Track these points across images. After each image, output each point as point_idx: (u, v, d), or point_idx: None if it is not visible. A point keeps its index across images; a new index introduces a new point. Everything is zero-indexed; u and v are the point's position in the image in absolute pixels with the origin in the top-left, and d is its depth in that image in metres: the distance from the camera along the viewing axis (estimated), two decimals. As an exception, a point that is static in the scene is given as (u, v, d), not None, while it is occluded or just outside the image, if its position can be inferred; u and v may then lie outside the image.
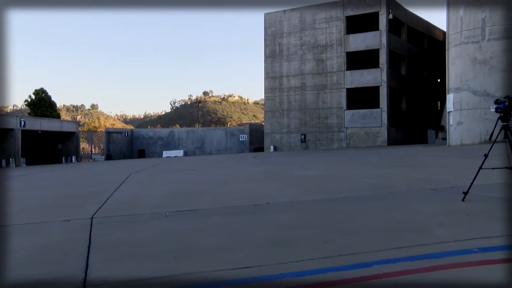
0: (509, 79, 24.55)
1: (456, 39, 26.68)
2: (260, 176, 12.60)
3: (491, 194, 6.40)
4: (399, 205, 6.13)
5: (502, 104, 5.79)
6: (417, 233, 4.32)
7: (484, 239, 3.90)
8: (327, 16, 39.17)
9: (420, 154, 20.23)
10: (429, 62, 44.38)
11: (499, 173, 6.02)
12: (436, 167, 12.33)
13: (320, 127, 39.51)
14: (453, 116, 26.59)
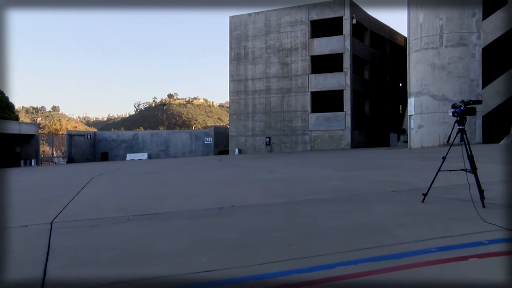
0: (465, 84, 25.44)
1: (416, 45, 27.41)
2: (225, 179, 12.58)
3: (449, 196, 6.60)
4: (362, 207, 6.23)
5: (458, 109, 5.98)
6: (379, 234, 4.40)
7: (442, 239, 4.02)
8: (292, 20, 39.51)
9: (383, 156, 20.63)
10: (391, 66, 45.40)
11: (456, 174, 6.20)
12: (398, 170, 12.60)
13: (284, 130, 39.78)
14: (414, 119, 27.27)
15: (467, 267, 3.25)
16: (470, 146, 5.90)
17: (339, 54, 37.83)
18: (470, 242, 3.87)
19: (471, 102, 6.01)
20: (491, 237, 4.00)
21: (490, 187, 6.72)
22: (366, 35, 41.65)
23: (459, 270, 3.19)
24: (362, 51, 40.17)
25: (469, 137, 22.48)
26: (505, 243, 3.84)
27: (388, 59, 45.20)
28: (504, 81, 26.59)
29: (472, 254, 3.51)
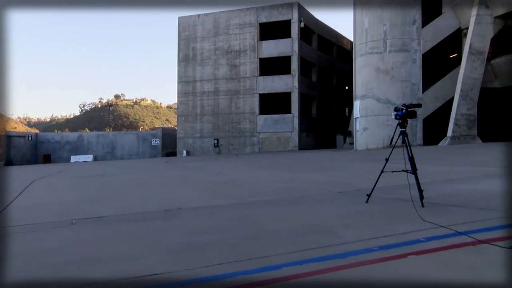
0: (407, 88, 26.45)
1: (361, 49, 28.20)
2: (172, 181, 12.45)
3: (391, 196, 6.82)
4: (308, 208, 6.33)
5: (400, 112, 6.20)
6: (325, 234, 4.49)
7: (384, 238, 4.15)
8: (241, 22, 39.66)
9: (329, 158, 21.04)
10: (338, 70, 46.43)
11: (398, 175, 6.42)
12: (343, 171, 12.90)
13: (233, 132, 39.83)
14: (359, 122, 28.03)
15: (406, 264, 3.38)
16: (411, 148, 6.12)
17: (287, 56, 38.32)
18: (410, 240, 4.02)
19: (412, 105, 6.25)
20: (428, 235, 4.18)
21: (429, 187, 7.01)
22: (314, 39, 42.42)
23: (399, 267, 3.31)
24: (309, 54, 40.87)
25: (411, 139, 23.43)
26: (441, 239, 4.02)
27: (335, 62, 46.22)
28: (442, 86, 27.83)
29: (411, 252, 3.65)
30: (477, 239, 3.93)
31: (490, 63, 27.63)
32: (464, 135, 25.68)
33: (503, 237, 4.01)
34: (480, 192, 7.05)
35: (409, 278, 3.07)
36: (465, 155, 16.93)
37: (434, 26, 27.85)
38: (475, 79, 25.98)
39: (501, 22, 26.73)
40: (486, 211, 5.28)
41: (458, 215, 5.12)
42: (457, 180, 8.92)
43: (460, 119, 25.60)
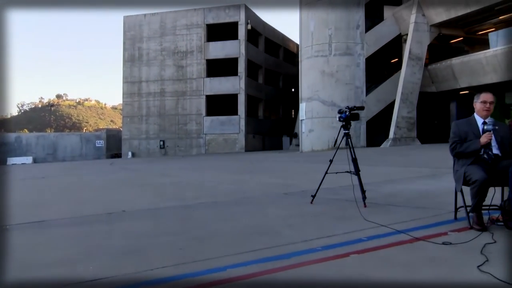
0: (351, 91, 27.15)
1: (307, 52, 28.66)
2: (116, 183, 12.15)
3: (335, 197, 6.97)
4: (254, 209, 6.36)
5: (344, 114, 6.34)
6: (269, 235, 4.52)
7: (327, 238, 4.23)
8: (188, 22, 39.30)
9: (275, 160, 21.25)
10: (284, 72, 46.88)
11: (342, 176, 6.56)
12: (289, 172, 13.07)
13: (179, 133, 39.40)
14: (305, 124, 28.47)
15: (348, 263, 3.46)
16: (354, 150, 6.28)
17: (234, 58, 38.35)
18: (352, 240, 4.12)
19: (355, 108, 6.41)
20: (370, 234, 4.30)
21: (371, 187, 7.22)
22: (261, 41, 42.68)
23: (341, 266, 3.38)
24: (256, 56, 41.09)
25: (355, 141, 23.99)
26: (381, 238, 4.15)
27: (282, 64, 46.70)
28: (384, 90, 28.76)
29: (353, 251, 3.74)
30: (414, 237, 4.08)
31: (427, 68, 28.80)
32: (404, 137, 26.64)
33: (437, 234, 4.19)
34: (418, 191, 7.33)
35: (351, 277, 3.13)
36: (405, 156, 17.56)
37: (376, 31, 28.74)
38: (414, 83, 27.03)
39: (437, 30, 28.00)
40: (423, 210, 5.49)
41: (397, 214, 5.29)
42: (398, 180, 9.24)
43: (401, 121, 26.54)
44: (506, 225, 4.27)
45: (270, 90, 44.34)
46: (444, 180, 8.31)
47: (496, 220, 4.43)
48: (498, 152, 4.43)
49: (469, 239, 3.89)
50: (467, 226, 4.37)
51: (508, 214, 4.18)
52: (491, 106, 4.57)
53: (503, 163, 4.26)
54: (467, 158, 4.50)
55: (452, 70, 27.66)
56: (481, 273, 3.03)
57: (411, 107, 26.91)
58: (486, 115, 4.57)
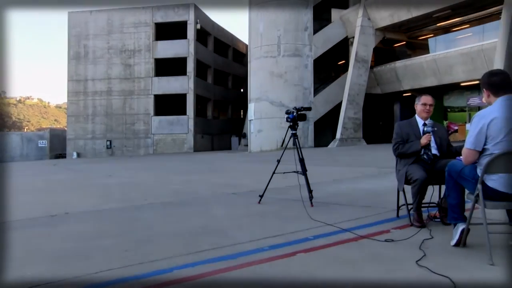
0: (300, 92, 27.54)
1: (256, 53, 28.80)
2: (60, 184, 11.75)
3: (282, 196, 7.05)
4: (202, 210, 6.32)
5: (291, 115, 6.41)
6: (217, 236, 4.50)
7: (274, 237, 4.26)
8: (136, 21, 38.54)
9: (224, 160, 21.23)
10: (233, 72, 46.89)
11: (289, 176, 6.63)
12: (238, 172, 13.09)
13: (127, 133, 38.60)
14: (254, 124, 28.60)
15: (295, 262, 3.50)
16: (301, 150, 6.37)
17: (183, 58, 37.99)
18: (299, 239, 4.17)
19: (302, 108, 6.50)
20: (316, 233, 4.37)
21: (318, 187, 7.34)
22: (210, 41, 42.50)
23: (288, 266, 3.42)
24: (205, 56, 40.87)
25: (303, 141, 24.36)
26: (327, 237, 4.24)
27: (231, 65, 46.69)
28: (331, 91, 29.37)
29: (300, 250, 3.79)
30: (358, 235, 4.19)
31: (373, 70, 29.67)
32: (351, 137, 27.30)
33: (380, 232, 4.33)
34: (363, 191, 7.53)
35: (297, 276, 3.18)
36: (351, 156, 17.99)
37: (324, 33, 29.29)
38: (360, 85, 27.76)
39: (381, 34, 28.92)
40: (367, 209, 5.64)
41: (343, 213, 5.41)
42: (344, 180, 9.45)
43: (347, 122, 27.18)
44: (442, 221, 4.50)
45: (219, 90, 44.24)
46: (388, 179, 8.58)
47: (434, 216, 4.64)
48: (436, 152, 4.64)
49: (409, 236, 4.04)
50: (408, 223, 4.54)
51: (444, 211, 4.39)
52: (431, 108, 4.77)
53: (441, 163, 4.46)
54: (408, 158, 4.67)
55: (395, 73, 28.64)
56: (419, 268, 3.15)
57: (357, 108, 27.61)
58: (426, 117, 4.77)
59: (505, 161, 3.26)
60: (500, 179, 3.35)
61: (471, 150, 3.48)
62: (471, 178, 3.54)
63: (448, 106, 30.92)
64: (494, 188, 3.38)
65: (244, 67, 41.06)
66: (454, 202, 3.74)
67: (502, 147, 3.31)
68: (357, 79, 27.59)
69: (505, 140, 3.31)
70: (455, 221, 3.74)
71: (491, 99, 3.52)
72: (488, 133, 3.37)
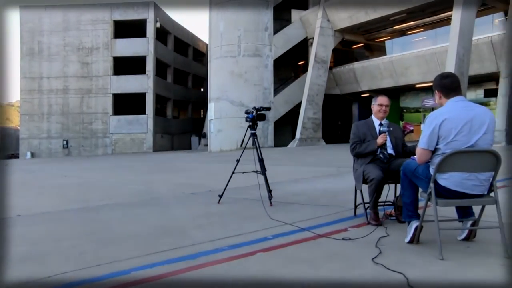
0: (260, 92, 27.65)
1: (217, 52, 28.71)
2: (12, 186, 11.36)
3: (242, 196, 7.06)
4: (161, 210, 6.26)
5: (251, 114, 6.44)
6: (176, 236, 4.48)
7: (234, 237, 4.28)
8: (93, 18, 37.66)
9: (184, 160, 21.08)
10: (193, 71, 46.53)
11: (248, 176, 6.66)
12: (197, 172, 13.04)
13: (84, 132, 37.70)
14: (214, 124, 28.51)
15: (254, 262, 3.52)
16: (260, 150, 6.40)
17: (143, 56, 37.44)
18: (258, 238, 4.20)
19: (262, 108, 6.53)
20: (275, 232, 4.41)
21: (277, 187, 7.40)
22: (170, 40, 42.04)
23: (247, 265, 3.44)
24: (165, 55, 40.41)
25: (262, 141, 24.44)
26: (286, 236, 4.28)
27: (191, 64, 46.32)
28: (291, 91, 29.64)
29: (259, 249, 3.82)
30: (317, 234, 4.25)
31: (332, 71, 30.14)
32: (310, 137, 27.62)
33: (338, 230, 4.41)
34: (322, 190, 7.64)
35: (256, 275, 3.20)
36: (311, 155, 18.21)
37: (284, 34, 29.50)
38: (319, 86, 28.12)
39: (340, 35, 29.40)
40: (326, 208, 5.73)
41: (302, 212, 5.48)
42: (303, 179, 9.56)
43: (307, 122, 27.48)
44: (397, 219, 4.62)
45: (179, 89, 43.83)
46: (346, 178, 8.72)
47: (389, 215, 4.76)
48: (392, 152, 4.76)
49: (366, 234, 4.13)
50: (365, 221, 4.64)
51: (399, 209, 4.50)
52: (386, 109, 4.90)
53: (396, 162, 4.59)
54: (365, 157, 4.78)
55: (354, 74, 29.20)
56: (375, 265, 3.23)
57: (316, 108, 27.96)
58: (382, 117, 4.90)
59: (455, 160, 3.39)
60: (451, 178, 3.48)
61: (424, 150, 3.59)
62: (424, 177, 3.66)
63: (404, 106, 31.75)
64: (446, 187, 3.50)
65: (204, 67, 40.87)
66: (409, 200, 3.87)
67: (453, 146, 3.44)
68: (316, 80, 27.93)
69: (456, 140, 3.44)
70: (409, 219, 3.86)
71: (443, 100, 3.67)
72: (440, 133, 3.49)
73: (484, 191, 3.54)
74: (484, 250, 3.55)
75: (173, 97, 42.22)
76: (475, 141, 3.43)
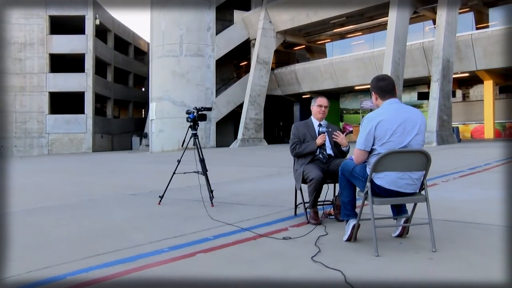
0: (202, 92, 27.54)
1: (158, 51, 28.31)
2: None
3: (183, 197, 7.00)
4: (99, 212, 6.09)
5: (192, 115, 6.40)
6: (115, 239, 4.37)
7: (174, 238, 4.22)
8: (27, 12, 35.99)
9: (124, 160, 20.62)
10: (134, 70, 45.51)
11: (190, 176, 6.61)
12: (138, 173, 12.79)
13: (17, 132, 35.96)
14: (155, 124, 28.09)
15: (195, 262, 3.50)
16: (202, 150, 6.38)
17: (81, 54, 36.22)
18: (199, 239, 4.17)
19: (203, 108, 6.50)
20: (216, 233, 4.39)
21: (219, 187, 7.38)
22: (110, 37, 40.94)
23: (187, 266, 3.41)
24: (105, 53, 39.30)
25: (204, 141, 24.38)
26: (227, 236, 4.28)
27: (132, 63, 45.30)
28: (233, 92, 29.70)
29: (200, 250, 3.79)
30: (258, 234, 4.28)
31: (274, 72, 30.48)
32: (252, 137, 27.79)
33: (278, 230, 4.46)
34: (263, 190, 7.71)
35: (197, 276, 3.17)
36: (253, 156, 18.32)
37: (227, 34, 29.49)
38: (261, 86, 28.35)
39: (282, 37, 29.80)
40: (267, 207, 5.78)
41: (244, 213, 5.49)
42: (245, 179, 9.60)
43: (249, 123, 27.62)
44: (336, 218, 4.73)
45: (120, 88, 42.75)
46: (287, 178, 8.83)
47: (328, 214, 4.86)
48: (331, 152, 4.87)
49: (306, 233, 4.20)
50: (305, 221, 4.71)
51: (338, 208, 4.61)
52: (326, 110, 4.99)
53: (335, 162, 4.70)
54: (305, 157, 4.86)
55: (296, 75, 29.68)
56: (314, 263, 3.29)
57: (258, 109, 28.17)
58: (321, 118, 4.99)
59: (390, 160, 3.51)
60: (386, 177, 3.60)
61: (361, 150, 3.71)
62: (361, 177, 3.77)
63: (344, 108, 32.66)
64: (381, 186, 3.62)
65: (145, 66, 40.13)
66: (347, 199, 3.97)
67: (388, 147, 3.57)
68: (258, 81, 28.14)
69: (391, 140, 3.58)
70: (347, 218, 3.96)
71: (379, 102, 3.81)
72: (375, 134, 3.61)
73: (416, 189, 3.70)
74: (416, 246, 3.72)
75: (113, 96, 41.12)
76: (408, 141, 3.59)
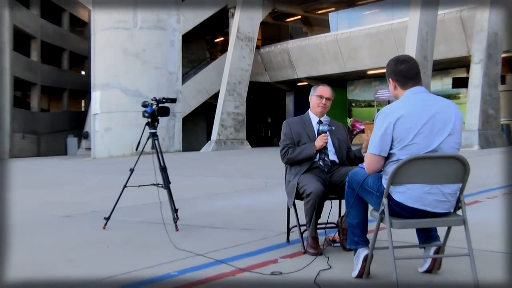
0: (163, 78, 27.24)
1: (104, 22, 27.95)
2: None
3: (137, 218, 6.97)
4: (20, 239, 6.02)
5: (149, 108, 6.31)
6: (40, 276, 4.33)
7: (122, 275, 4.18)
8: None
9: (56, 169, 20.46)
10: (71, 47, 45.01)
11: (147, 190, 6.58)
12: (75, 186, 12.70)
13: None
14: (100, 120, 27.79)
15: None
16: (163, 155, 6.34)
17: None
18: (158, 276, 4.13)
19: (165, 100, 6.45)
20: (182, 267, 4.36)
21: (186, 204, 7.36)
22: (35, 1, 40.56)
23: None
24: (28, 23, 38.86)
25: (167, 143, 24.36)
26: (197, 271, 4.25)
27: (67, 37, 44.86)
28: (205, 77, 29.54)
29: (157, 291, 3.78)
30: (237, 267, 4.27)
31: (260, 52, 30.43)
32: (231, 138, 27.66)
33: (265, 262, 4.43)
34: (244, 208, 7.71)
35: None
36: (231, 163, 18.30)
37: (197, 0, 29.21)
38: (243, 71, 28.21)
39: (271, 5, 29.73)
40: (249, 232, 5.78)
41: (218, 239, 5.49)
42: (220, 194, 9.60)
43: (226, 119, 27.45)
44: (342, 246, 4.68)
45: (50, 71, 42.34)
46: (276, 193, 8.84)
47: (332, 240, 4.81)
48: (335, 158, 4.85)
49: (302, 267, 4.17)
50: (301, 250, 4.70)
51: (345, 233, 4.48)
52: (327, 103, 4.94)
53: (340, 171, 4.66)
54: (300, 165, 4.82)
55: (288, 56, 29.66)
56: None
57: (239, 100, 28.04)
58: (321, 112, 4.95)
59: (413, 168, 3.43)
60: (408, 191, 3.50)
61: (375, 156, 3.62)
62: (376, 191, 3.71)
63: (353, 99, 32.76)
64: (402, 203, 3.53)
65: (86, 41, 39.87)
66: (355, 221, 3.92)
67: (410, 151, 3.48)
68: (239, 63, 28.02)
69: (414, 143, 3.49)
70: (356, 246, 3.91)
71: (398, 91, 3.75)
72: (394, 135, 3.53)
73: (450, 208, 3.61)
74: (451, 285, 3.70)
75: (40, 82, 40.69)
76: (438, 144, 3.50)
